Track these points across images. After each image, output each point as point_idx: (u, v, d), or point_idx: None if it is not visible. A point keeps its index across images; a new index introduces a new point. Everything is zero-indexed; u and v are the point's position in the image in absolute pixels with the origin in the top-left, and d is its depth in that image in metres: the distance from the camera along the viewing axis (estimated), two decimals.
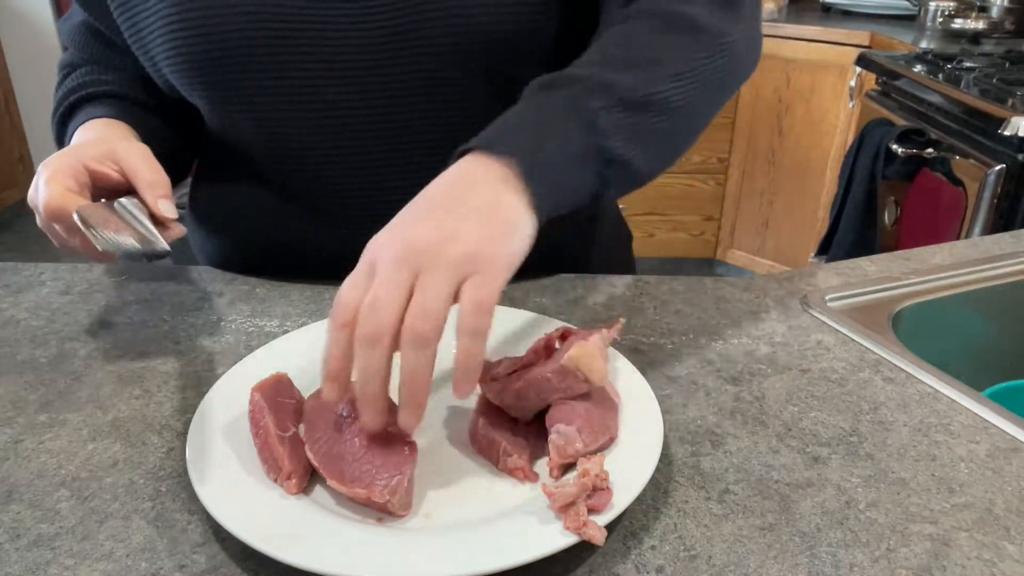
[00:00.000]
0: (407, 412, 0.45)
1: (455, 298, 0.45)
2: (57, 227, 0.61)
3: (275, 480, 0.48)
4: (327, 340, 0.46)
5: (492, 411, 0.53)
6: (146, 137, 0.71)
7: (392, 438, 0.49)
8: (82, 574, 0.44)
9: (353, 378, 0.46)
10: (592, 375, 0.51)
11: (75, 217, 0.57)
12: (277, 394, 0.53)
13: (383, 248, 0.46)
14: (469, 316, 0.44)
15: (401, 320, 0.44)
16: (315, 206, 0.74)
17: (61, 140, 0.76)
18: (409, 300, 0.44)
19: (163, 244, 0.58)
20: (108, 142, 0.64)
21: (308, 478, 0.49)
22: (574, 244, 0.82)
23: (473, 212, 0.47)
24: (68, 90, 0.76)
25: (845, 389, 0.61)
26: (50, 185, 0.60)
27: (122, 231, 0.58)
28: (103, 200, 0.61)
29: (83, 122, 0.72)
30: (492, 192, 0.48)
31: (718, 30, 0.58)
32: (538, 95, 0.54)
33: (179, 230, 0.61)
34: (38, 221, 0.63)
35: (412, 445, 0.49)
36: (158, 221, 0.61)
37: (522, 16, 0.65)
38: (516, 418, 0.53)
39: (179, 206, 0.64)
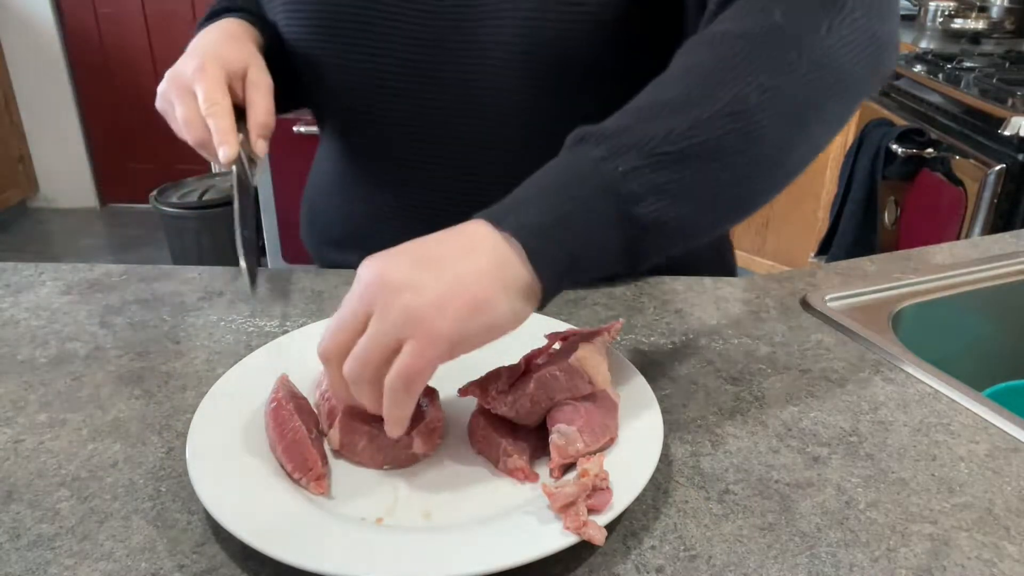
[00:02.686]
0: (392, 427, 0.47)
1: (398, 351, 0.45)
2: (183, 108, 0.64)
3: (298, 480, 0.49)
4: None
5: (492, 411, 0.53)
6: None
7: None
8: (82, 574, 0.44)
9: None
10: (596, 378, 0.51)
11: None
12: (295, 396, 0.53)
13: (364, 271, 0.47)
14: (393, 381, 0.45)
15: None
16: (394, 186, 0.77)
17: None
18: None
19: (254, 181, 0.66)
20: (247, 58, 0.68)
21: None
22: None
23: (448, 276, 0.45)
24: (219, 7, 0.78)
25: (845, 389, 0.61)
26: (207, 78, 0.64)
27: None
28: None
29: (217, 20, 0.73)
30: (479, 266, 0.45)
31: (801, 41, 0.49)
32: (570, 153, 0.49)
33: (259, 173, 0.67)
34: (166, 90, 0.66)
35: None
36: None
37: (579, 26, 0.64)
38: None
39: (181, 206, 0.68)
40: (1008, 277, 0.81)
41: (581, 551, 0.45)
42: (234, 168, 0.64)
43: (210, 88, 0.64)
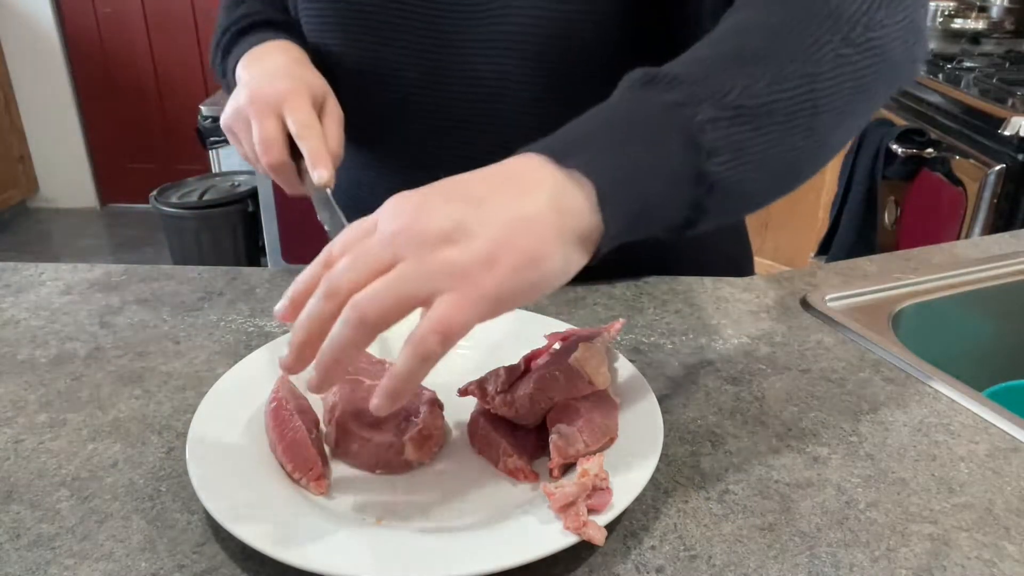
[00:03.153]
0: (315, 374, 0.41)
1: (427, 303, 0.39)
2: (264, 129, 0.63)
3: (298, 480, 0.49)
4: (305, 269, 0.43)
5: (492, 411, 0.53)
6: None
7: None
8: (82, 574, 0.44)
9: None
10: (596, 378, 0.51)
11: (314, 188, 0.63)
12: (295, 396, 0.53)
13: (392, 211, 0.41)
14: (426, 333, 0.38)
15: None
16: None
17: (227, 57, 0.75)
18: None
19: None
20: (325, 86, 0.67)
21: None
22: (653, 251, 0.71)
23: (499, 223, 0.39)
24: (244, 13, 0.76)
25: (845, 389, 0.61)
26: (301, 101, 0.63)
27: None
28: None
29: (264, 39, 0.71)
30: (536, 211, 0.40)
31: (866, 21, 0.47)
32: (635, 94, 0.45)
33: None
34: (242, 108, 0.64)
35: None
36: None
37: (587, 18, 0.64)
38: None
39: (181, 206, 0.67)
40: (1008, 277, 0.81)
41: (581, 551, 0.45)
42: (328, 192, 0.63)
43: (305, 111, 0.63)
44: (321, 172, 0.61)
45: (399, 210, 0.41)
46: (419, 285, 0.39)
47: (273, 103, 0.63)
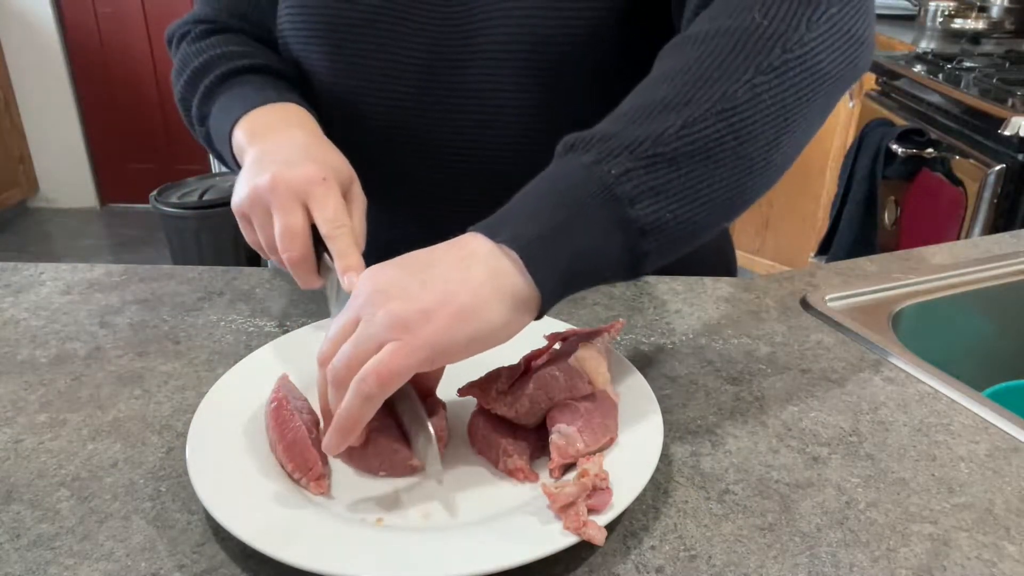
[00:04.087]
0: (327, 435, 0.47)
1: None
2: (287, 220, 0.57)
3: (298, 480, 0.49)
4: None
5: (492, 412, 0.53)
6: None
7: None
8: (82, 574, 0.44)
9: None
10: (596, 378, 0.51)
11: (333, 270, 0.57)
12: (295, 396, 0.53)
13: (361, 282, 0.47)
14: (366, 375, 0.44)
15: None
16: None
17: (209, 102, 0.70)
18: None
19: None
20: (351, 172, 0.62)
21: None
22: None
23: (439, 284, 0.45)
24: (230, 51, 0.71)
25: (845, 389, 0.61)
26: (333, 196, 0.57)
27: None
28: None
29: (266, 98, 0.66)
30: (472, 276, 0.45)
31: (784, 43, 0.48)
32: (559, 162, 0.49)
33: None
34: (263, 196, 0.57)
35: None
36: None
37: (579, 25, 0.64)
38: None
39: (181, 206, 0.64)
40: (1008, 277, 0.81)
41: (581, 551, 0.45)
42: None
43: (334, 205, 0.57)
44: (352, 278, 0.55)
45: (363, 286, 0.47)
46: (369, 336, 0.44)
47: (300, 192, 0.56)
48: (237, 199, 0.59)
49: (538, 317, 0.47)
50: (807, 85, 0.49)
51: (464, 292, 0.45)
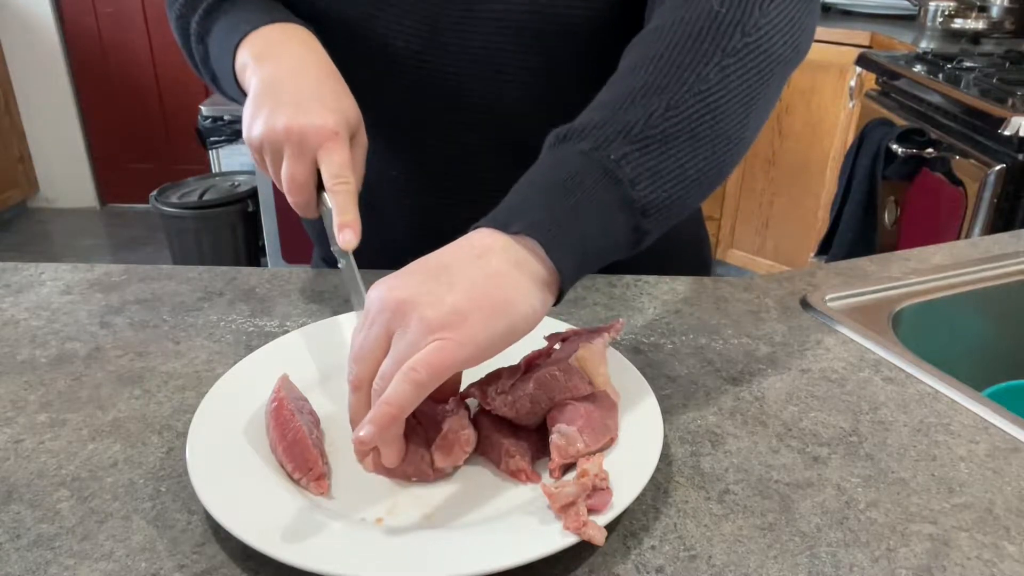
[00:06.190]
0: (361, 427, 0.46)
1: None
2: (295, 167, 0.59)
3: (298, 480, 0.49)
4: None
5: (493, 412, 0.53)
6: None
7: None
8: (82, 574, 0.44)
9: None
10: (596, 378, 0.51)
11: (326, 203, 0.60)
12: (295, 396, 0.53)
13: (373, 299, 0.47)
14: (418, 364, 0.43)
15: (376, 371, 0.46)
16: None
17: (210, 19, 0.69)
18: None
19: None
20: (359, 114, 0.63)
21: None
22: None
23: (463, 283, 0.45)
24: None
25: (845, 389, 0.61)
26: (340, 148, 0.59)
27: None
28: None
29: (261, 19, 0.65)
30: (494, 269, 0.46)
31: (743, 28, 0.52)
32: (554, 152, 0.51)
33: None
34: (277, 139, 0.59)
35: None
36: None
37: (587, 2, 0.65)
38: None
39: (181, 206, 0.65)
40: (1008, 277, 0.81)
41: (581, 551, 0.45)
42: (350, 254, 0.59)
43: (339, 160, 0.58)
44: (348, 237, 0.57)
45: (379, 297, 0.47)
46: (410, 345, 0.44)
47: (312, 144, 0.58)
48: (252, 135, 0.60)
49: (556, 302, 0.49)
50: (766, 66, 0.53)
51: (493, 287, 0.45)
